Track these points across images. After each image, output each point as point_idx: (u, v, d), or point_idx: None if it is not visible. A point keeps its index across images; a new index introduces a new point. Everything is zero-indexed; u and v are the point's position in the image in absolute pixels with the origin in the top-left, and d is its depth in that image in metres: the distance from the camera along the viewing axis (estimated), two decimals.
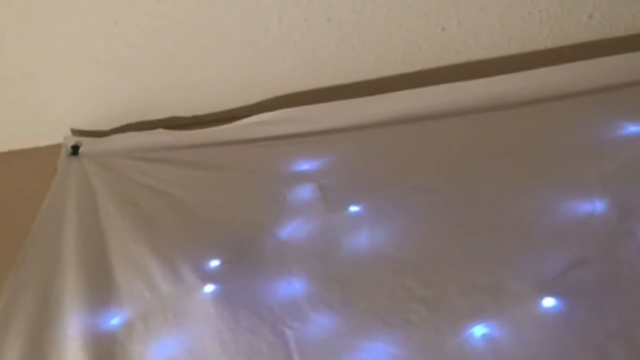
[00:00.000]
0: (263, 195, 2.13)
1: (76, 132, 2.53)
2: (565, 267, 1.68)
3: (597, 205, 1.78)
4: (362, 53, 2.17)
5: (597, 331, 1.57)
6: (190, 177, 2.25)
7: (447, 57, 2.20)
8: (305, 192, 2.09)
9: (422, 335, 1.70)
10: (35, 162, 2.57)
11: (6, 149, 2.66)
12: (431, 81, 2.18)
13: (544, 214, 1.81)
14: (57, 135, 2.48)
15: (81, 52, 2.15)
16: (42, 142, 2.60)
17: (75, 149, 2.42)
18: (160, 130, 2.43)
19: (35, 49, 2.13)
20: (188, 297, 1.96)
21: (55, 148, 2.47)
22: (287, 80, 2.31)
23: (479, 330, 1.65)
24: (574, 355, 1.55)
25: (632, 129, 1.91)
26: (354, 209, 2.01)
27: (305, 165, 2.17)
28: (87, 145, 2.44)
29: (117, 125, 2.53)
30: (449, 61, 2.21)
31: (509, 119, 2.05)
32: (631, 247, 1.68)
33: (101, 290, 2.05)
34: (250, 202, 2.13)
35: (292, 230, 2.02)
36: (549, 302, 1.63)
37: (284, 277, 1.92)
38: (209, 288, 1.95)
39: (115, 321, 1.98)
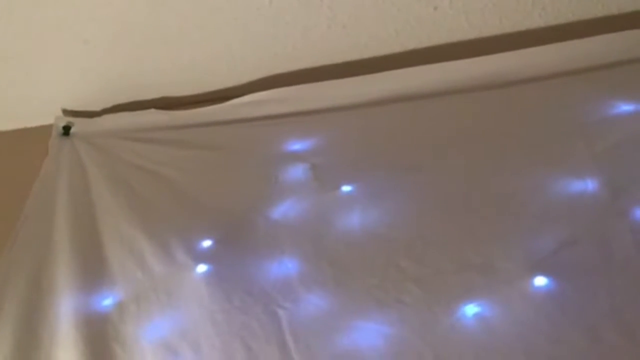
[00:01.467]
0: (255, 175, 2.13)
1: (67, 113, 2.51)
2: (556, 246, 1.69)
3: (589, 185, 1.79)
4: (354, 32, 2.16)
5: (588, 309, 1.58)
6: (182, 157, 2.24)
7: (439, 37, 2.19)
8: (297, 171, 2.09)
9: (414, 315, 1.71)
10: (26, 143, 2.55)
11: None
12: (423, 60, 2.17)
13: (535, 193, 1.82)
14: (48, 115, 2.47)
15: (71, 33, 2.13)
16: (33, 123, 2.59)
17: (66, 130, 2.42)
18: (152, 111, 2.42)
19: (25, 30, 2.11)
20: (180, 278, 1.96)
21: (47, 129, 2.45)
22: (279, 60, 2.30)
23: (470, 309, 1.66)
24: (565, 333, 1.56)
25: (625, 107, 1.91)
26: (346, 188, 2.01)
27: (297, 145, 2.17)
28: (79, 125, 2.44)
29: (109, 105, 2.51)
30: (441, 40, 2.20)
31: (500, 98, 2.05)
32: (622, 226, 1.69)
33: (93, 271, 2.05)
34: (243, 182, 2.13)
35: (284, 210, 2.03)
36: (540, 280, 1.65)
37: (276, 257, 1.93)
38: (202, 268, 1.96)
39: (107, 302, 1.99)
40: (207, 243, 2.02)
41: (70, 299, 2.00)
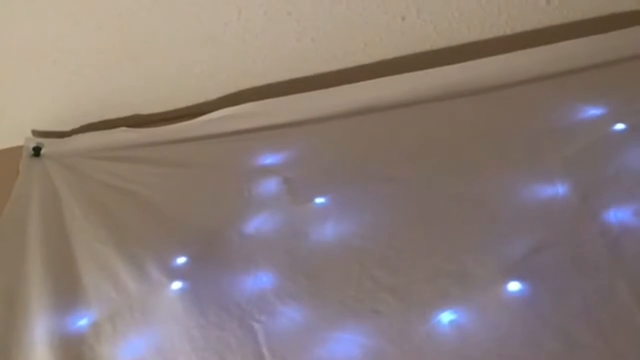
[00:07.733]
0: (228, 190, 2.13)
1: (37, 133, 2.50)
2: (529, 251, 1.70)
3: (559, 189, 1.80)
4: (323, 45, 2.17)
5: (561, 313, 1.58)
6: (154, 175, 2.24)
7: (407, 47, 2.20)
8: (270, 185, 2.10)
9: (390, 325, 1.71)
10: None
11: None
12: (392, 71, 2.19)
13: (507, 199, 1.83)
14: (18, 137, 2.46)
15: (39, 53, 2.13)
16: (3, 145, 2.56)
17: (37, 150, 2.40)
18: (123, 129, 2.41)
19: None
20: (155, 295, 1.95)
21: (16, 150, 2.44)
22: (249, 75, 2.30)
23: (446, 317, 1.66)
24: (540, 337, 1.56)
25: (592, 112, 1.94)
26: (319, 200, 2.01)
27: (269, 159, 2.18)
28: (49, 146, 2.43)
29: (79, 125, 2.50)
30: (410, 50, 2.22)
31: (470, 106, 2.08)
32: (593, 229, 1.70)
33: (68, 291, 2.03)
34: (215, 197, 2.13)
35: (258, 224, 2.02)
36: (514, 286, 1.65)
37: (251, 271, 1.92)
38: (176, 285, 1.94)
39: (82, 322, 1.97)
40: (181, 260, 2.01)
41: (45, 320, 1.98)
